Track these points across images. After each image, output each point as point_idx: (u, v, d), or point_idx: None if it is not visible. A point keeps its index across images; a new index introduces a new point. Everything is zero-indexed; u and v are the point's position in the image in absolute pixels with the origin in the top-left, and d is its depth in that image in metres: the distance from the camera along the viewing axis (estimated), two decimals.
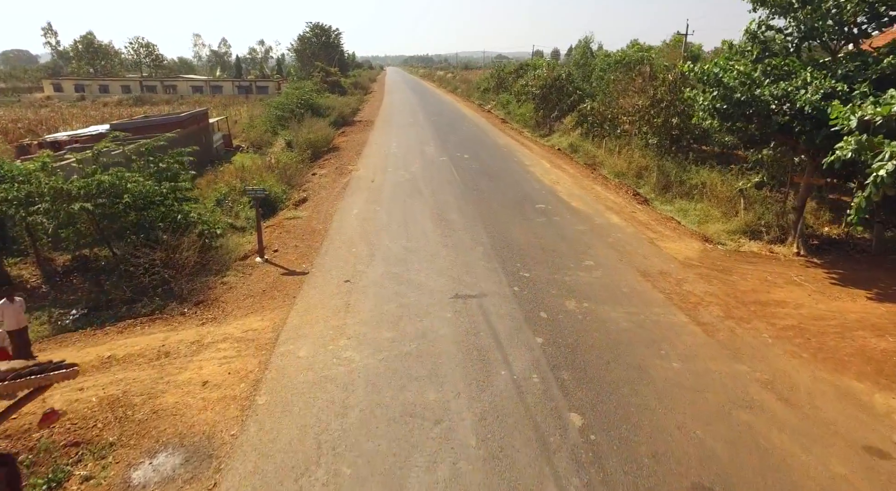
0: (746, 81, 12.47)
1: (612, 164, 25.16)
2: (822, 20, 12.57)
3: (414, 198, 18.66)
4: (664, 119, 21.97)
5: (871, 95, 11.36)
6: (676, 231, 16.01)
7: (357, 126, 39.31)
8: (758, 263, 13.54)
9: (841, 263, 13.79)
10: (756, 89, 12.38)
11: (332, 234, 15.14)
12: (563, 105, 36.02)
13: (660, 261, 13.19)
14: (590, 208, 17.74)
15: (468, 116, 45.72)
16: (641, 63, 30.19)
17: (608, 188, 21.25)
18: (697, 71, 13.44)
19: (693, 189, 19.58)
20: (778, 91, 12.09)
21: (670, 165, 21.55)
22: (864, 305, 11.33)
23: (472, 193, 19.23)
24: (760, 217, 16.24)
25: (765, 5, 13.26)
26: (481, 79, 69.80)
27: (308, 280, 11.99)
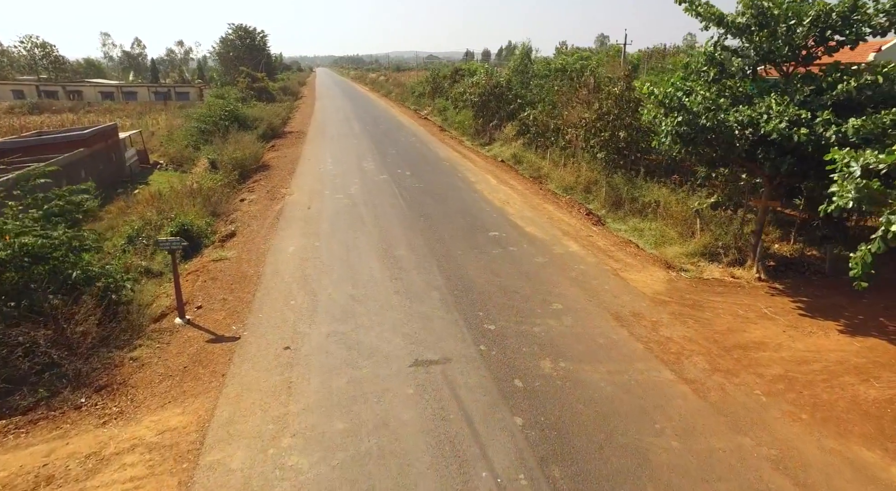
0: (712, 107, 11.82)
1: (558, 177, 24.56)
2: (779, 44, 12.14)
3: (356, 228, 16.99)
4: (611, 133, 21.47)
5: (833, 124, 10.99)
6: (637, 257, 15.33)
7: (289, 138, 36.83)
8: (725, 294, 13.01)
9: (802, 289, 13.53)
10: (721, 115, 11.76)
11: (266, 280, 13.24)
12: (503, 112, 35.36)
13: (629, 298, 12.33)
14: (546, 234, 16.78)
15: (405, 125, 44.20)
16: (582, 72, 29.89)
17: (560, 207, 20.47)
18: (659, 94, 12.69)
19: (646, 207, 19.18)
20: (743, 117, 11.51)
21: (620, 180, 21.11)
22: (838, 340, 10.93)
23: (419, 220, 17.80)
24: (718, 238, 15.92)
25: (720, 25, 12.70)
26: (416, 83, 68.47)
27: (240, 349, 10.13)
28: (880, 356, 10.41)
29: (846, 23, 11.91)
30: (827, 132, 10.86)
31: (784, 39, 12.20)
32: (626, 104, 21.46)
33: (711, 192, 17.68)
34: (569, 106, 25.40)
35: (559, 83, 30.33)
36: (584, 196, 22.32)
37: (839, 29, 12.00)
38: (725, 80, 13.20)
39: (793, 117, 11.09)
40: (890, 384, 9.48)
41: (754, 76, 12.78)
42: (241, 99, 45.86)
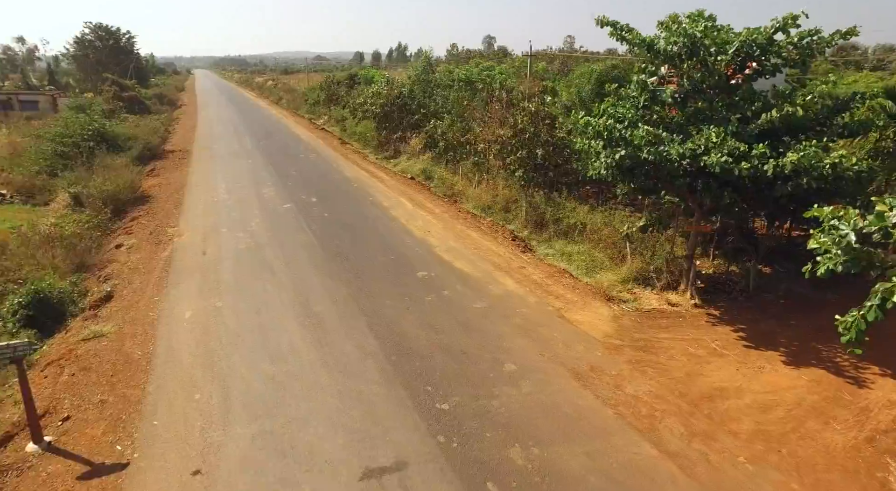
0: (654, 140, 11.31)
1: (475, 196, 23.67)
2: (707, 73, 11.94)
3: (265, 279, 14.71)
4: (528, 150, 20.88)
5: (770, 157, 10.90)
6: (575, 290, 14.67)
7: (171, 159, 32.57)
8: (671, 328, 12.66)
9: (735, 313, 13.59)
10: (663, 148, 11.28)
11: (159, 365, 10.72)
12: (406, 123, 33.98)
13: (583, 347, 11.50)
14: (477, 270, 15.65)
15: (303, 138, 41.26)
16: (488, 83, 29.30)
17: (483, 233, 19.49)
18: (597, 125, 11.99)
19: (571, 229, 18.78)
20: (685, 150, 11.11)
21: (540, 200, 20.61)
22: (787, 375, 10.86)
23: (336, 262, 15.88)
24: (649, 262, 15.76)
25: (650, 52, 12.28)
26: (308, 89, 64.93)
27: (129, 484, 7.77)
28: (827, 389, 10.42)
29: (763, 53, 11.97)
30: (765, 166, 10.74)
31: (710, 69, 12.03)
32: (542, 121, 21.00)
33: (634, 212, 17.65)
34: (482, 121, 24.57)
35: (466, 95, 29.51)
36: (504, 216, 21.60)
37: (756, 58, 12.06)
38: (656, 107, 12.85)
39: (732, 151, 10.84)
40: (847, 425, 9.40)
41: (684, 105, 12.49)
42: (107, 113, 40.13)
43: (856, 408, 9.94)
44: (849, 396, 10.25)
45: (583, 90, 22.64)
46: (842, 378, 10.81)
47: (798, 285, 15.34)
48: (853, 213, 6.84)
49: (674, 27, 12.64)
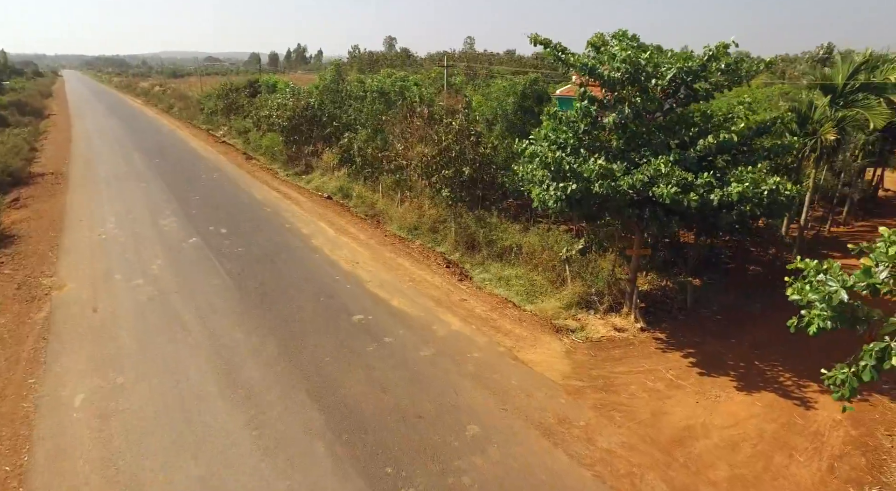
0: (606, 174, 10.89)
1: (399, 216, 22.55)
2: (647, 99, 11.75)
3: (177, 340, 12.61)
4: (455, 169, 20.10)
5: (716, 187, 10.86)
6: (522, 323, 14.07)
7: (41, 185, 28.07)
8: (624, 359, 12.39)
9: (680, 335, 13.68)
10: (615, 182, 10.90)
11: (40, 481, 8.55)
12: (318, 136, 32.01)
13: (544, 395, 10.83)
14: (417, 308, 14.57)
15: (202, 154, 37.68)
16: (407, 97, 28.15)
17: (415, 260, 18.42)
18: (543, 157, 11.38)
19: (506, 251, 18.24)
20: (635, 182, 10.80)
21: (470, 220, 19.92)
22: (742, 402, 10.92)
23: (260, 310, 14.09)
24: (591, 285, 15.55)
25: (592, 76, 11.89)
26: (204, 96, 59.89)
27: None
28: (781, 415, 10.56)
29: (696, 79, 12.01)
30: (711, 195, 10.68)
31: (650, 95, 11.86)
32: (467, 138, 20.31)
33: (565, 228, 17.44)
34: (402, 137, 23.44)
35: (380, 107, 28.16)
36: (433, 237, 20.69)
37: (689, 84, 12.09)
38: (597, 132, 12.51)
39: (680, 181, 10.67)
40: (807, 455, 9.50)
41: (624, 131, 12.24)
42: None
43: (809, 433, 10.11)
44: (801, 421, 10.43)
45: (505, 104, 22.26)
46: (790, 400, 11.04)
47: (726, 297, 15.87)
48: (836, 267, 6.67)
49: (604, 49, 12.40)
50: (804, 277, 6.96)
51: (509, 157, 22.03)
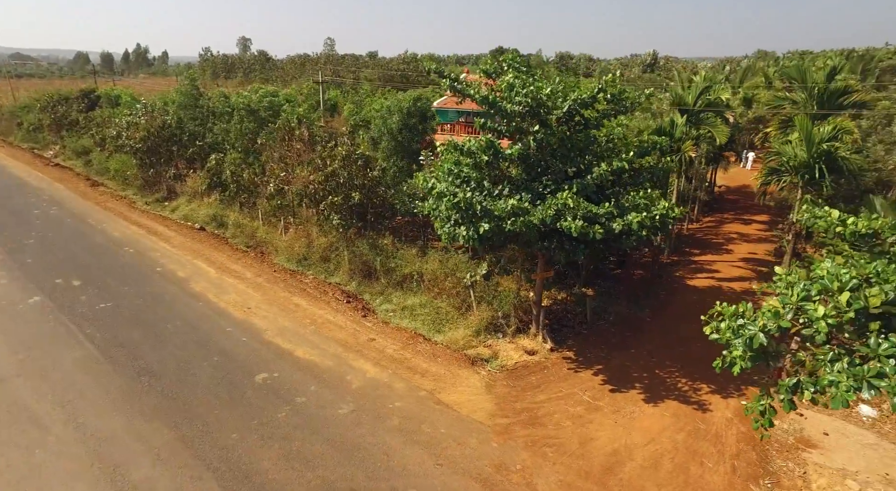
0: (519, 212, 10.92)
1: (285, 246, 21.07)
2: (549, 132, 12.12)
3: (31, 443, 10.28)
4: (344, 195, 19.18)
5: (618, 217, 11.41)
6: (437, 359, 13.77)
7: None
8: (541, 386, 12.64)
9: (587, 351, 14.33)
10: (527, 218, 11.00)
11: None
12: (180, 157, 28.78)
13: (476, 441, 10.62)
14: (326, 356, 13.58)
15: (30, 182, 31.97)
16: (274, 113, 26.33)
17: (312, 297, 17.27)
18: (453, 199, 11.12)
19: (406, 279, 17.78)
20: (546, 217, 10.99)
21: (364, 247, 19.14)
22: (654, 415, 11.68)
23: (140, 387, 12.08)
24: (497, 309, 15.69)
25: (491, 108, 11.97)
26: (20, 107, 51.02)
27: None
28: (687, 423, 11.47)
29: (587, 108, 12.58)
30: (613, 224, 11.22)
31: (549, 127, 12.16)
32: (355, 163, 19.45)
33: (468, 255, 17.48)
34: (281, 161, 21.83)
35: (251, 125, 26.00)
36: (325, 267, 19.60)
37: (581, 113, 12.65)
38: (499, 164, 12.56)
39: (586, 214, 11.07)
40: (714, 460, 10.41)
41: (526, 160, 12.41)
42: None
43: (711, 436, 11.09)
44: (703, 425, 11.42)
45: (390, 122, 21.72)
46: (690, 405, 12.04)
47: (619, 305, 16.99)
48: (750, 309, 7.22)
49: (501, 79, 12.55)
50: (720, 317, 7.45)
51: (397, 176, 21.63)
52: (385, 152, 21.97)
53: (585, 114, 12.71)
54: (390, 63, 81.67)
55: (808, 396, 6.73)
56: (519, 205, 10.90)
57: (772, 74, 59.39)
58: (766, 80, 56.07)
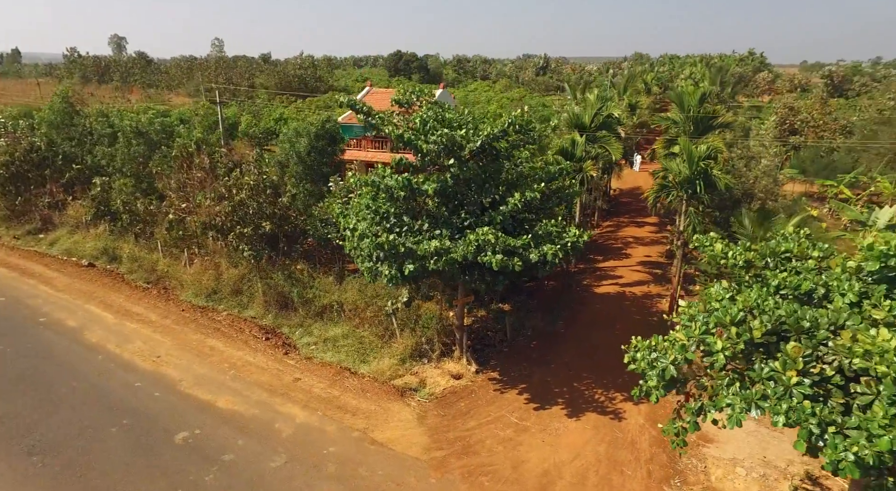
0: (443, 251, 11.20)
1: (192, 279, 19.89)
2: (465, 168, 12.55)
3: None
4: (254, 226, 18.44)
5: (535, 248, 12.05)
6: (365, 393, 13.74)
7: None
8: (471, 412, 13.07)
9: (510, 370, 14.97)
10: (449, 255, 11.32)
11: None
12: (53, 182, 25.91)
13: (414, 479, 10.79)
14: (250, 404, 13.04)
15: None
16: (168, 135, 24.54)
17: (228, 337, 16.47)
18: (376, 240, 11.19)
19: (326, 309, 17.46)
20: (467, 253, 11.38)
21: (279, 278, 18.52)
22: (577, 430, 12.52)
23: (35, 469, 10.87)
24: (421, 335, 15.91)
25: (407, 145, 12.16)
26: None
27: None
28: (606, 434, 12.41)
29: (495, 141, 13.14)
30: (531, 255, 11.85)
31: (465, 163, 12.55)
32: (263, 192, 18.72)
33: None
34: (179, 190, 20.46)
35: (140, 149, 23.96)
36: (237, 300, 18.77)
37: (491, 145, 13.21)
38: (419, 198, 12.76)
39: (506, 247, 11.59)
40: (633, 467, 11.41)
41: (443, 193, 12.70)
42: None
43: (628, 443, 12.12)
44: (620, 433, 12.44)
45: (298, 145, 21.04)
46: (607, 415, 13.04)
47: (535, 319, 17.89)
48: (661, 341, 8.01)
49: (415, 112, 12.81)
50: (636, 349, 8.22)
51: (308, 200, 21.07)
52: (293, 176, 21.31)
53: (497, 146, 13.27)
54: (286, 67, 78.61)
55: (710, 418, 7.67)
56: (442, 246, 11.17)
57: (650, 80, 65.08)
58: (646, 85, 61.33)
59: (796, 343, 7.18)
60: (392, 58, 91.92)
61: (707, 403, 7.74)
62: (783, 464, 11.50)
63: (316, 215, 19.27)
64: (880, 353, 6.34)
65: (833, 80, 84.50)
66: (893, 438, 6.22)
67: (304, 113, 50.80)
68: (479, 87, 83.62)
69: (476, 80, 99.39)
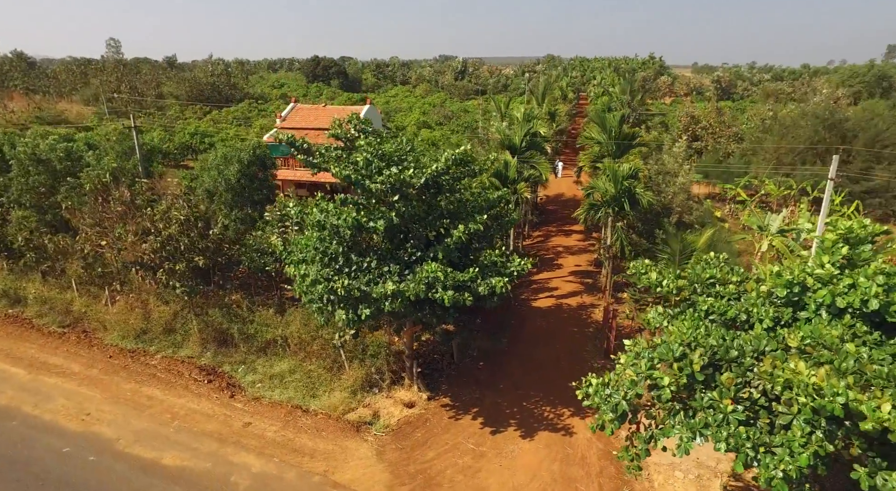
0: (398, 294, 11.33)
1: (116, 320, 18.70)
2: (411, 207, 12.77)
3: None
4: (187, 262, 17.56)
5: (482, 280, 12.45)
6: (321, 433, 13.62)
7: None
8: (428, 442, 13.31)
9: (461, 395, 15.37)
10: (404, 297, 11.50)
11: None
12: None
13: None
14: (200, 458, 12.50)
15: None
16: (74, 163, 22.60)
17: (167, 384, 15.62)
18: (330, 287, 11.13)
19: (270, 344, 17.00)
20: (419, 291, 11.61)
21: (216, 315, 17.79)
22: (531, 450, 13.11)
23: None
24: (370, 365, 15.92)
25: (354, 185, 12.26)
26: None
27: None
28: (558, 451, 13.09)
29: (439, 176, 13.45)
30: (480, 288, 12.27)
31: (410, 202, 12.73)
32: (195, 227, 17.82)
33: None
34: (99, 226, 19.00)
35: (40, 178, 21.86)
36: (170, 339, 17.89)
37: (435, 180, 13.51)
38: (365, 235, 12.82)
39: (455, 283, 11.93)
40: (585, 483, 12.17)
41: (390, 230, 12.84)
42: None
43: (579, 459, 12.88)
44: (571, 450, 13.18)
45: (228, 173, 20.22)
46: (558, 433, 13.76)
47: (480, 338, 18.38)
48: (614, 380, 8.67)
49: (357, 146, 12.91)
50: (588, 385, 8.84)
51: (241, 228, 20.31)
52: (223, 204, 20.47)
53: (441, 181, 13.57)
54: (197, 74, 74.33)
55: (660, 446, 8.45)
56: (397, 288, 11.31)
57: (565, 87, 68.23)
58: (562, 92, 64.24)
59: (729, 373, 8.09)
60: (310, 63, 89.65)
61: (657, 432, 8.51)
62: (713, 463, 12.71)
63: (251, 245, 18.68)
64: (799, 384, 7.29)
65: (721, 84, 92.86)
66: (811, 454, 7.19)
67: (221, 125, 48.53)
68: (400, 92, 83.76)
69: (396, 84, 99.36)
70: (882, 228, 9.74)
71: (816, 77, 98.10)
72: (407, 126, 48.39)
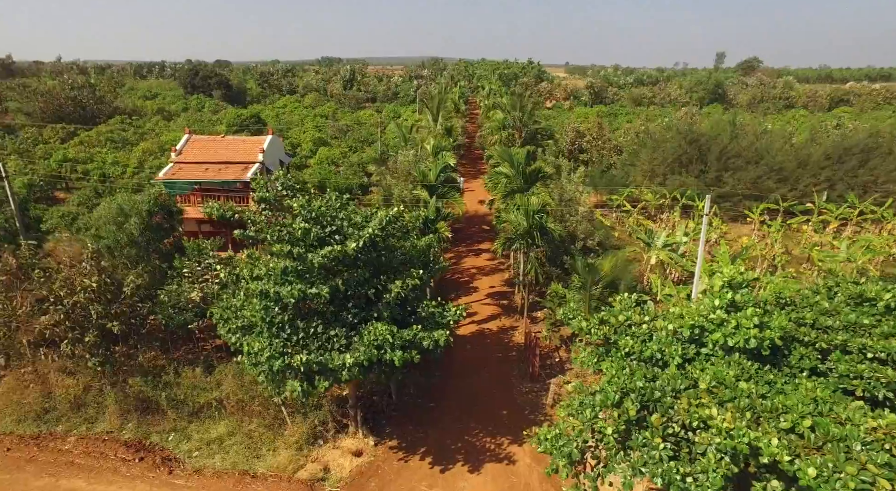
0: (357, 364, 11.75)
1: (3, 402, 16.78)
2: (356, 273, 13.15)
3: None
4: (99, 331, 16.33)
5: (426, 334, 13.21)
6: None
7: None
8: (383, 490, 13.86)
9: (408, 437, 15.99)
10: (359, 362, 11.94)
11: None
12: None
13: None
14: None
15: None
16: None
17: (90, 470, 14.58)
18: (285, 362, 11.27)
19: (205, 407, 16.39)
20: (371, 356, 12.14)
21: (139, 382, 16.75)
22: (480, 484, 14.17)
23: None
24: (314, 416, 16.00)
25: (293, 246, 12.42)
26: None
27: None
28: (504, 481, 14.25)
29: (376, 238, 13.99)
30: (425, 342, 13.03)
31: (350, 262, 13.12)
32: (106, 293, 16.53)
33: None
34: None
35: None
36: (82, 415, 16.67)
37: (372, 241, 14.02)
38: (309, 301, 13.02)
39: (404, 343, 12.60)
40: None
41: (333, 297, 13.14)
42: None
43: (523, 486, 14.12)
44: (515, 478, 14.43)
45: (129, 226, 18.85)
46: (501, 462, 14.93)
47: (413, 374, 19.05)
48: (564, 430, 9.89)
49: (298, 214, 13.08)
50: (543, 437, 10.02)
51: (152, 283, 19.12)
52: (128, 260, 19.11)
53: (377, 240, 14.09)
54: (47, 83, 65.92)
55: (607, 482, 9.86)
56: (356, 360, 11.72)
57: (457, 99, 70.46)
58: (454, 105, 66.35)
59: (657, 415, 9.67)
60: (188, 72, 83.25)
61: (603, 471, 9.92)
62: None
63: (165, 302, 17.79)
64: (713, 426, 8.98)
65: (594, 88, 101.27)
66: (723, 475, 8.92)
67: (94, 150, 43.81)
68: (289, 103, 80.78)
69: (283, 94, 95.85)
70: (754, 275, 11.99)
71: (670, 82, 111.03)
72: (302, 143, 47.35)
